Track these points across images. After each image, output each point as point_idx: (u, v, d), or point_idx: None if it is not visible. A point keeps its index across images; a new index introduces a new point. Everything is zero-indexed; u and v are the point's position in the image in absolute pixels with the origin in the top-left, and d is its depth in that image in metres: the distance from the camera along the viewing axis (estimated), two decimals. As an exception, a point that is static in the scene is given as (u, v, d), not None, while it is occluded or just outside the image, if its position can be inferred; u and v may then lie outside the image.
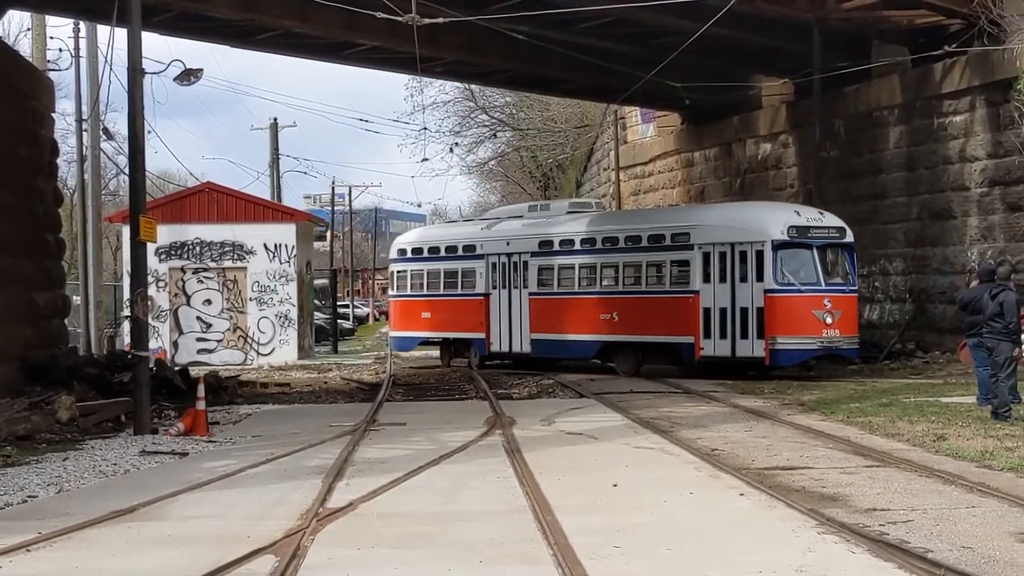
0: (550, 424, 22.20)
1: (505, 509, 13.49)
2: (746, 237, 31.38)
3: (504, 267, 37.87)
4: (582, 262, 35.87)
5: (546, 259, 36.78)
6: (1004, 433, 18.62)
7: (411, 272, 41.47)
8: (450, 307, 39.81)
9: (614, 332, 34.57)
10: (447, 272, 40.08)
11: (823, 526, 11.98)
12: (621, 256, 34.61)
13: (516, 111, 78.08)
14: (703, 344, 31.78)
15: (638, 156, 56.74)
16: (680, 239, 32.99)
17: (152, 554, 11.60)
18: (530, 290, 37.01)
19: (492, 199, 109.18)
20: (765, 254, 30.93)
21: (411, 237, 44.05)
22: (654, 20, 35.22)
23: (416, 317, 41.21)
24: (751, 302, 31.02)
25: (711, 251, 31.97)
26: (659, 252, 33.54)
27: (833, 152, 39.66)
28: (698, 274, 32.16)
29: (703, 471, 16.06)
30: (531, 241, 37.32)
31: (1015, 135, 33.03)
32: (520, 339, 37.20)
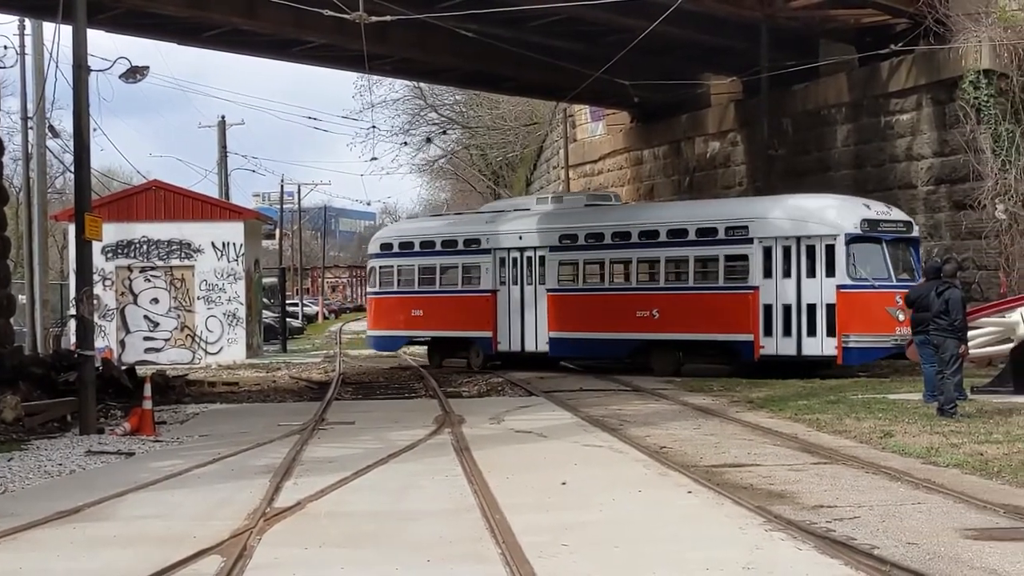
0: (499, 422, 22.17)
1: (454, 508, 13.47)
2: (815, 231, 30.07)
3: (516, 262, 36.14)
4: (615, 257, 34.34)
5: (569, 254, 35.18)
6: (950, 430, 18.74)
7: (399, 267, 39.53)
8: (448, 304, 37.98)
9: (653, 330, 32.94)
10: (445, 267, 38.32)
11: (770, 523, 12.01)
12: (663, 251, 32.94)
13: (466, 109, 78.03)
14: (763, 342, 30.47)
15: (587, 154, 56.80)
16: (737, 233, 31.40)
17: (98, 555, 11.50)
18: (548, 286, 35.25)
19: (442, 197, 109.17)
20: (837, 248, 29.67)
21: (398, 231, 42.71)
22: (604, 18, 35.24)
23: (404, 315, 39.21)
24: (820, 298, 29.71)
25: (773, 245, 30.54)
26: (710, 246, 31.86)
27: (781, 150, 39.82)
28: (758, 269, 30.73)
29: (652, 469, 16.08)
30: (549, 235, 35.54)
31: (960, 134, 33.28)
32: (535, 338, 35.50)
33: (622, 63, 37.00)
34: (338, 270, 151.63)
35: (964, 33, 33.20)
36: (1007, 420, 19.77)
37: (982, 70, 32.93)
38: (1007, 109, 33.05)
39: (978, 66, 32.98)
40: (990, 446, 16.85)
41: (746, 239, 31.12)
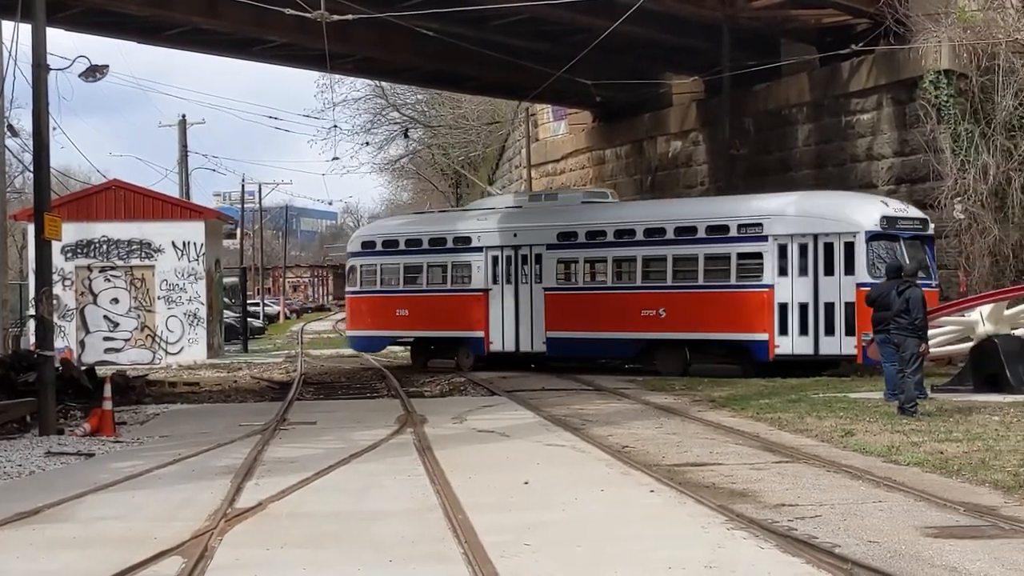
0: (461, 422, 22.14)
1: (416, 508, 13.43)
2: (833, 228, 29.43)
3: (510, 260, 35.33)
4: (618, 255, 33.48)
5: (568, 252, 34.45)
6: (910, 428, 18.82)
7: (382, 266, 38.54)
8: (436, 304, 37.14)
9: (660, 329, 32.21)
10: (432, 266, 37.50)
11: (732, 522, 12.03)
12: (671, 248, 32.13)
13: (428, 108, 78.00)
14: (778, 341, 29.83)
15: (550, 154, 56.82)
16: (750, 230, 30.76)
17: (57, 556, 11.42)
18: (546, 285, 34.48)
19: (404, 196, 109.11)
20: (857, 246, 29.09)
21: (381, 228, 41.88)
22: (566, 17, 35.28)
23: (388, 315, 38.17)
24: (838, 297, 29.12)
25: (788, 243, 29.93)
26: (721, 244, 31.17)
27: (743, 150, 39.96)
28: (773, 267, 30.11)
29: (614, 468, 16.07)
30: (546, 232, 34.68)
31: (920, 134, 33.46)
32: (531, 338, 34.80)
33: (584, 62, 37.04)
34: (300, 270, 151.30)
35: (924, 33, 33.40)
36: (967, 419, 19.88)
37: (942, 70, 33.13)
38: (966, 109, 33.24)
39: (938, 66, 33.17)
40: (950, 444, 16.93)
41: (760, 236, 30.52)
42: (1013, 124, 33.47)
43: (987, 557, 10.34)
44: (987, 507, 12.54)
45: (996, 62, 33.42)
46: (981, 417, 20.02)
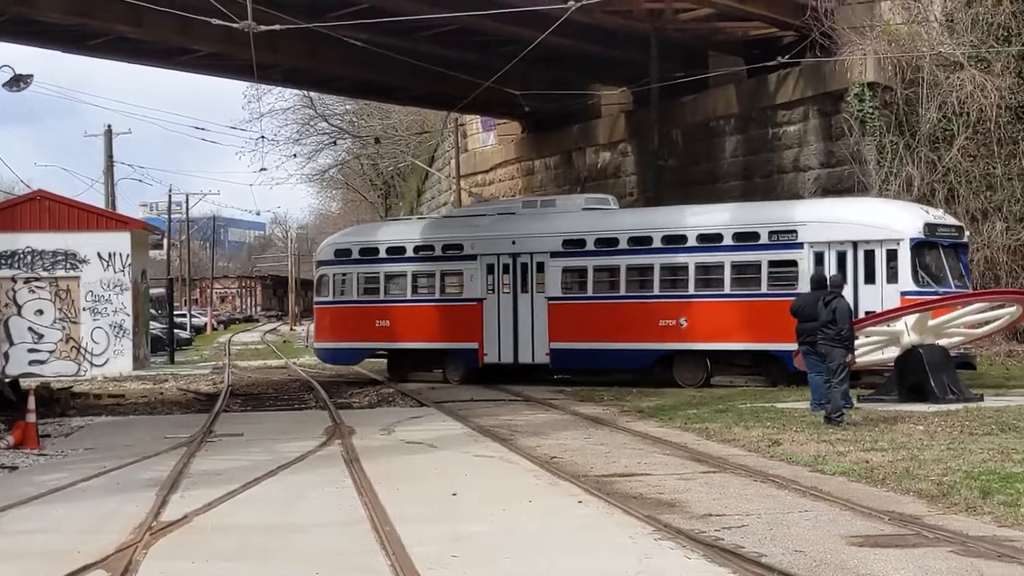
0: (390, 433, 22.07)
1: (343, 520, 13.36)
2: (875, 235, 28.49)
3: (507, 269, 33.99)
4: (633, 263, 32.06)
5: (575, 260, 32.99)
6: (836, 438, 18.94)
7: (359, 275, 36.86)
8: (422, 314, 35.56)
9: (679, 340, 31.04)
10: (419, 275, 35.96)
11: (660, 532, 12.05)
12: (692, 256, 30.98)
13: (356, 119, 77.85)
14: None
15: (479, 164, 56.89)
16: (783, 237, 29.74)
17: (-22, 571, 11.27)
18: (549, 294, 33.16)
19: (333, 207, 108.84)
20: (900, 254, 28.19)
21: (358, 236, 39.51)
22: (495, 28, 35.34)
23: (366, 325, 36.32)
24: (880, 305, 27.89)
25: (825, 250, 28.99)
26: (751, 251, 30.06)
27: (671, 161, 40.18)
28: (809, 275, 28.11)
29: (542, 479, 16.07)
30: (549, 240, 33.38)
31: (846, 145, 33.76)
32: (532, 349, 33.45)
33: (513, 73, 37.08)
34: (227, 281, 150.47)
35: (850, 46, 33.74)
36: (892, 428, 20.04)
37: (867, 83, 33.47)
38: (891, 121, 33.61)
39: (863, 79, 33.51)
40: (876, 454, 17.06)
41: (795, 244, 29.57)
42: (937, 136, 33.88)
43: (911, 566, 10.42)
44: (911, 516, 12.64)
45: (920, 75, 33.85)
46: (906, 426, 20.18)
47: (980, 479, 14.49)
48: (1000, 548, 10.99)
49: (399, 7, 33.44)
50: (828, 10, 34.67)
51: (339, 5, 33.84)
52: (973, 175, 34.18)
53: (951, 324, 25.44)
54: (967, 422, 20.38)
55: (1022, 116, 34.32)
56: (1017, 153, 34.25)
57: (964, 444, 17.80)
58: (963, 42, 34.45)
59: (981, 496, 13.45)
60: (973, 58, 34.17)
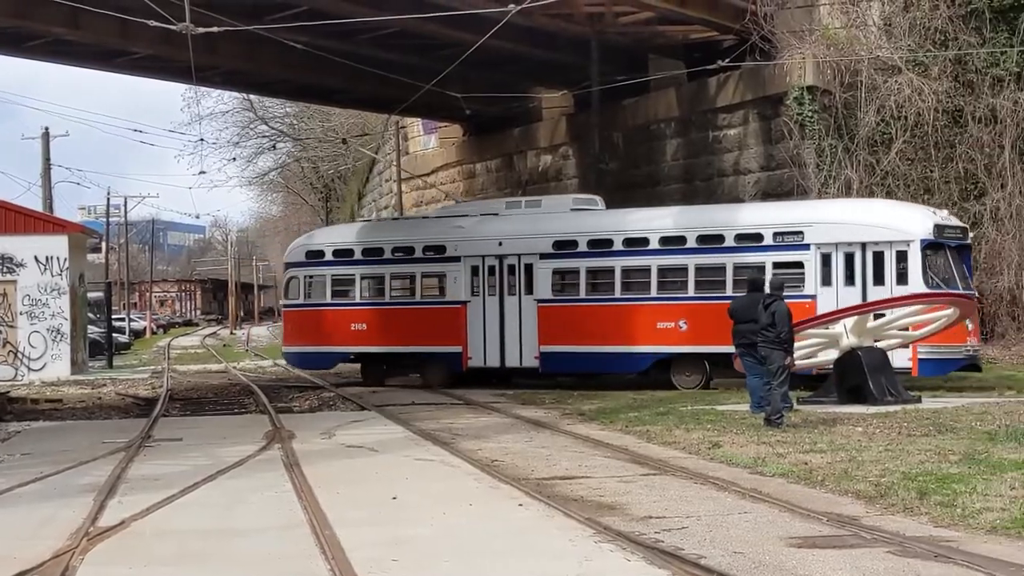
0: (330, 437, 21.97)
1: (283, 524, 13.29)
2: (884, 236, 28.14)
3: (493, 271, 33.21)
4: (629, 264, 31.36)
5: (566, 261, 32.25)
6: (776, 440, 19.03)
7: (333, 277, 35.80)
8: (402, 317, 34.57)
9: (678, 342, 30.47)
10: (398, 276, 35.19)
11: (600, 535, 12.06)
12: (692, 257, 30.42)
13: (297, 122, 77.62)
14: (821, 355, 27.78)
15: (420, 167, 56.82)
16: (788, 238, 29.31)
17: (-89, 579, 11.13)
18: (539, 296, 32.41)
19: (274, 210, 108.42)
20: (911, 255, 27.94)
21: (331, 237, 38.31)
22: (435, 31, 35.30)
23: (341, 329, 35.28)
24: None
25: (832, 252, 28.64)
26: (753, 252, 29.61)
27: (612, 164, 40.27)
28: (815, 276, 28.78)
29: (483, 482, 16.05)
30: (538, 241, 32.64)
31: (785, 149, 33.95)
32: (519, 352, 32.73)
33: (454, 76, 37.06)
34: (167, 284, 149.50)
35: (789, 50, 33.95)
36: (831, 430, 20.16)
37: (806, 86, 33.68)
38: (830, 125, 33.83)
39: (802, 83, 33.71)
40: (815, 455, 17.15)
41: (801, 245, 29.14)
42: (875, 139, 34.13)
43: (848, 566, 10.47)
44: (849, 517, 12.72)
45: (859, 79, 34.08)
46: (845, 428, 20.31)
47: (917, 480, 14.60)
48: (936, 548, 11.08)
49: (338, 9, 33.33)
50: (768, 14, 34.88)
51: (278, 7, 33.71)
52: (911, 178, 34.46)
53: (889, 327, 25.63)
54: (905, 423, 20.54)
55: (959, 120, 34.64)
56: (954, 156, 34.57)
57: (902, 445, 17.93)
58: (901, 46, 34.73)
59: (918, 497, 13.55)
60: (911, 62, 34.45)
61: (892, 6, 35.49)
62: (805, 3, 35.62)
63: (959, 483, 14.30)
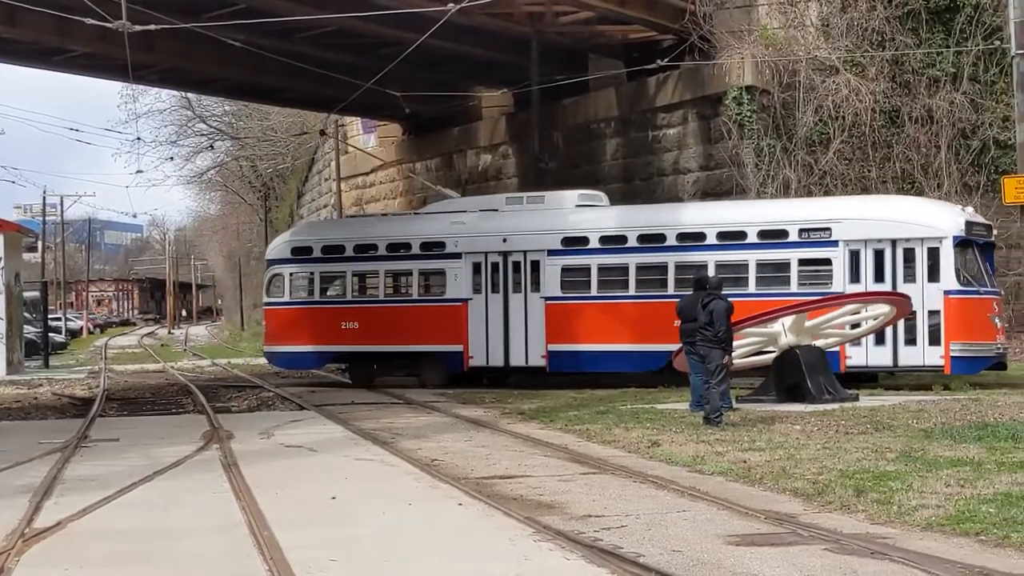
0: (269, 437, 21.87)
1: (221, 525, 13.20)
2: (915, 233, 27.83)
3: (496, 268, 32.33)
4: (644, 262, 30.64)
5: (576, 258, 31.45)
6: (715, 438, 19.10)
7: (323, 274, 34.79)
8: (397, 315, 33.57)
9: None
10: (393, 273, 34.19)
11: (539, 534, 12.05)
12: (712, 254, 29.79)
13: (235, 120, 77.20)
14: (850, 352, 28.19)
15: (360, 166, 56.68)
16: (815, 235, 28.92)
17: None
18: (546, 294, 31.58)
19: (212, 209, 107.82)
20: (943, 252, 27.72)
21: (318, 232, 37.36)
22: (375, 30, 35.21)
23: (330, 328, 34.24)
24: (921, 305, 27.47)
25: (861, 248, 28.34)
26: (778, 249, 29.15)
27: (552, 163, 40.27)
28: (843, 273, 28.49)
29: (423, 482, 16.02)
30: (545, 237, 31.82)
31: (724, 148, 34.08)
32: (525, 351, 31.88)
33: (394, 76, 36.96)
34: (104, 283, 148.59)
35: (728, 50, 34.10)
36: (770, 428, 20.26)
37: (744, 86, 33.83)
38: (768, 124, 34.01)
39: (741, 83, 33.87)
40: (753, 454, 17.22)
41: (828, 241, 28.79)
42: (813, 139, 34.34)
43: (786, 564, 10.52)
44: (787, 514, 12.78)
45: (797, 79, 34.28)
46: (783, 426, 20.42)
47: (854, 477, 14.69)
48: (873, 545, 11.15)
49: (277, 8, 33.20)
50: (706, 14, 35.02)
51: (216, 5, 33.52)
52: (849, 178, 34.69)
53: (827, 325, 25.79)
54: (843, 422, 20.68)
55: (896, 120, 34.91)
56: (891, 156, 34.84)
57: (839, 443, 18.05)
58: (838, 47, 34.97)
59: (855, 494, 13.64)
60: (848, 62, 34.69)
61: (830, 7, 35.71)
62: (744, 3, 35.80)
63: (895, 481, 14.40)
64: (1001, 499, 13.04)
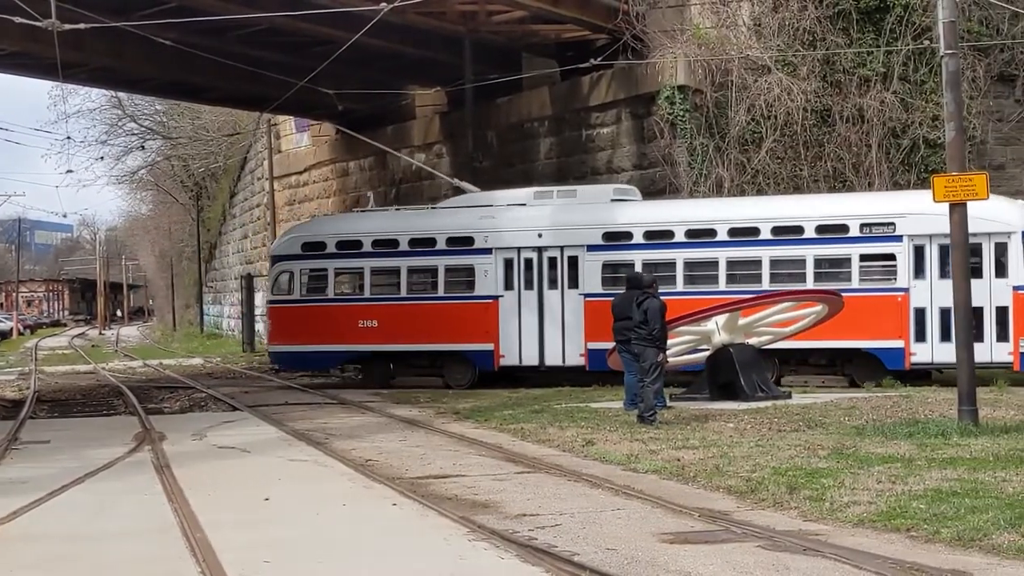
0: (202, 439, 21.73)
1: (153, 527, 13.11)
2: (983, 228, 26.72)
3: (530, 264, 31.33)
4: (692, 257, 29.94)
5: (619, 253, 30.60)
6: (649, 436, 19.17)
7: (338, 270, 33.59)
8: (421, 313, 32.31)
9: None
10: (416, 270, 32.78)
11: (474, 533, 12.05)
12: (767, 249, 29.17)
13: (167, 119, 76.68)
14: (915, 348, 27.88)
15: (292, 165, 56.43)
16: (877, 230, 28.44)
17: None
18: (585, 291, 30.61)
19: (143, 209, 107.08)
20: (1011, 247, 27.45)
21: (332, 227, 35.11)
22: (307, 29, 35.05)
23: (346, 327, 32.84)
24: (989, 301, 27.22)
25: (926, 243, 27.97)
26: (837, 244, 28.47)
27: (486, 162, 40.25)
28: (908, 269, 28.07)
29: (357, 482, 15.98)
30: (585, 232, 30.90)
31: (657, 147, 34.18)
32: (562, 350, 30.94)
33: (327, 74, 36.77)
34: (34, 284, 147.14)
35: (660, 50, 34.17)
36: (703, 426, 20.36)
37: (677, 86, 33.89)
38: (701, 124, 34.11)
39: (674, 82, 33.93)
40: (687, 452, 17.30)
41: (892, 236, 28.34)
42: (746, 138, 34.48)
43: (719, 561, 10.58)
44: (720, 512, 12.85)
45: (729, 78, 34.41)
46: (717, 424, 20.53)
47: (787, 475, 14.80)
48: (805, 542, 11.23)
49: (208, 6, 32.96)
50: (639, 14, 35.08)
51: (146, 4, 33.24)
52: (781, 176, 34.86)
53: (760, 323, 25.95)
54: (776, 419, 20.83)
55: (827, 119, 35.11)
56: (823, 155, 35.03)
57: (772, 441, 18.18)
58: (770, 46, 35.13)
59: (788, 491, 13.74)
60: (780, 62, 34.86)
61: (761, 7, 35.86)
62: (676, 3, 35.89)
63: (828, 478, 14.52)
64: (931, 495, 13.17)
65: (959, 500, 12.80)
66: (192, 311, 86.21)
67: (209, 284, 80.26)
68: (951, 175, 19.63)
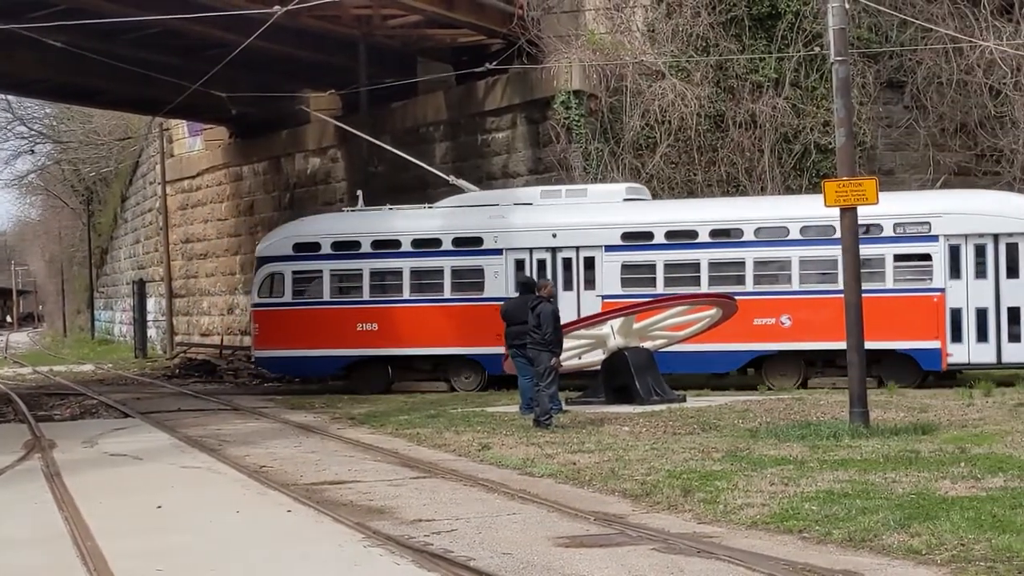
0: (93, 446, 21.45)
1: (43, 536, 12.93)
2: (1019, 228, 27.30)
3: (543, 264, 30.32)
4: (717, 257, 29.24)
5: (638, 254, 29.77)
6: (545, 440, 19.20)
7: (334, 272, 32.11)
8: (426, 316, 31.18)
9: (778, 339, 28.64)
10: (420, 272, 31.38)
11: (369, 539, 12.01)
12: (795, 249, 28.67)
13: (57, 123, 75.66)
14: (951, 349, 27.48)
15: (185, 170, 55.91)
16: (912, 229, 28.05)
17: None
18: (602, 292, 29.73)
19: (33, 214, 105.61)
20: None
21: (326, 226, 33.57)
22: (200, 32, 34.70)
23: (342, 331, 31.65)
24: None
25: (962, 243, 27.68)
26: (870, 244, 26.88)
27: (381, 167, 40.11)
28: (944, 269, 27.72)
29: (251, 489, 15.86)
30: (602, 232, 30.02)
31: (553, 152, 34.28)
32: None
33: (221, 78, 36.45)
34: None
35: (555, 55, 34.27)
36: (599, 430, 20.43)
37: (572, 91, 34.00)
38: (596, 128, 34.25)
39: (569, 87, 34.04)
40: (583, 455, 17.35)
41: (928, 236, 28.00)
42: (640, 143, 34.67)
43: (615, 564, 10.62)
44: (616, 515, 12.90)
45: (624, 83, 34.58)
46: (612, 428, 20.61)
47: (682, 478, 14.89)
48: (699, 544, 11.31)
49: (98, 8, 32.51)
50: (535, 19, 35.17)
51: (36, 6, 32.73)
52: (675, 181, 35.09)
53: (654, 327, 26.10)
54: (670, 422, 20.96)
55: (720, 124, 35.41)
56: (716, 160, 35.32)
57: (667, 444, 18.28)
58: (664, 52, 35.35)
59: (682, 494, 13.82)
60: (674, 67, 35.09)
61: (655, 13, 36.09)
62: (571, 8, 36.03)
63: (722, 480, 14.63)
64: (823, 496, 13.32)
65: (850, 501, 12.95)
66: (83, 317, 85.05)
67: (100, 289, 79.26)
68: (841, 180, 19.89)
